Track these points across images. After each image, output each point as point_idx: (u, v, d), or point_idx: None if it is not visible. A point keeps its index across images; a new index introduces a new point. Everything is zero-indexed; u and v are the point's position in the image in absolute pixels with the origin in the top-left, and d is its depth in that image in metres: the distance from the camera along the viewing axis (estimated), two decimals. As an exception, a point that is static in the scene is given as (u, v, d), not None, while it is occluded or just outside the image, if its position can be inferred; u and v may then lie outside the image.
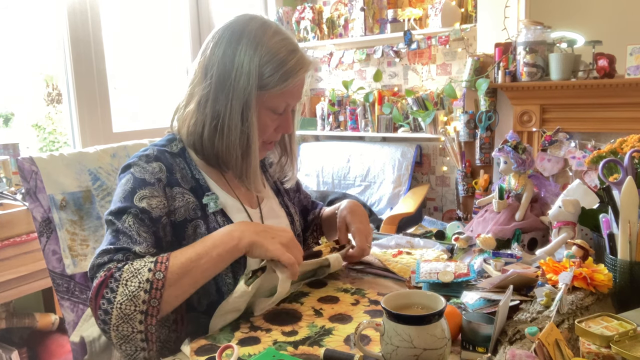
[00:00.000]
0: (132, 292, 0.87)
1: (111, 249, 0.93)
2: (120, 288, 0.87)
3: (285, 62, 1.06)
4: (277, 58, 1.06)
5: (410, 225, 1.71)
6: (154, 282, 0.88)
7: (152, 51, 3.14)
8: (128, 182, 1.03)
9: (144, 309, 0.87)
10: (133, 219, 0.98)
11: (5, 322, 2.05)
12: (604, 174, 1.02)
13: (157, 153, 1.09)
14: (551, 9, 3.50)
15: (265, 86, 1.06)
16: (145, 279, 0.88)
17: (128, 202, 0.99)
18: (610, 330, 0.77)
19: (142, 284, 0.88)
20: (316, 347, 0.88)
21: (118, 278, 0.88)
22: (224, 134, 1.06)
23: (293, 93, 1.11)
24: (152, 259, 0.92)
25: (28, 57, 2.68)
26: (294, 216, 1.28)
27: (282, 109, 1.12)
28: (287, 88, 1.08)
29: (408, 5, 3.50)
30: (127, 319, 0.87)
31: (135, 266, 0.90)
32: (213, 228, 1.06)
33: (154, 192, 1.02)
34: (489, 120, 3.08)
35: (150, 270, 0.89)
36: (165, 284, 0.89)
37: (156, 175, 1.05)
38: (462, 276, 1.06)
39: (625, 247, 0.94)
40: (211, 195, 1.09)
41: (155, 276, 0.89)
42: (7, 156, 2.26)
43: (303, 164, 3.87)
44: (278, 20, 3.80)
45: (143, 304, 0.87)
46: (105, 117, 2.80)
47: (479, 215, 1.43)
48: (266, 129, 1.11)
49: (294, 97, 1.12)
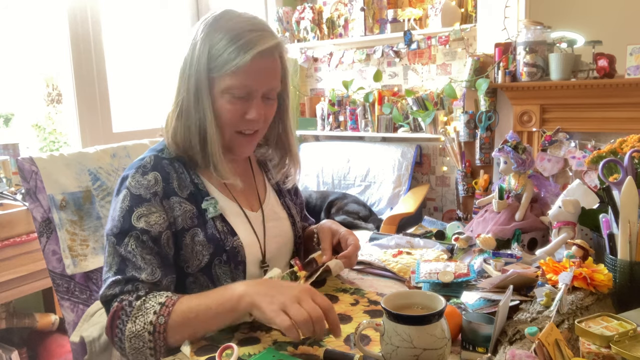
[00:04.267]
0: (137, 331, 0.93)
1: (120, 280, 0.98)
2: (128, 324, 0.93)
3: (238, 38, 1.01)
4: (230, 34, 1.02)
5: (410, 225, 1.71)
6: (156, 326, 0.92)
7: (152, 51, 3.14)
8: (125, 200, 1.03)
9: (152, 346, 0.92)
10: (135, 242, 1.00)
11: (5, 322, 2.05)
12: (604, 174, 1.02)
13: (154, 162, 1.08)
14: (551, 9, 3.50)
15: (217, 67, 1.02)
16: (149, 321, 0.92)
17: (127, 223, 1.01)
18: (610, 330, 0.77)
19: (147, 326, 0.92)
20: (316, 347, 0.88)
21: (128, 314, 0.94)
22: (182, 121, 1.06)
23: (251, 74, 1.02)
24: (161, 300, 0.94)
25: (28, 57, 2.68)
26: (295, 217, 1.27)
27: (244, 93, 1.04)
28: (239, 66, 1.00)
29: (408, 5, 3.50)
30: (139, 352, 0.93)
31: (146, 305, 0.94)
32: (212, 234, 1.06)
33: (151, 208, 1.03)
34: (489, 120, 3.08)
35: (155, 313, 0.93)
36: (166, 329, 0.92)
37: (151, 189, 1.04)
38: (462, 276, 1.06)
39: (625, 247, 0.94)
40: (210, 199, 1.08)
41: (158, 320, 0.92)
42: (7, 156, 2.26)
43: (303, 164, 3.85)
44: (278, 20, 3.80)
45: (150, 342, 0.92)
46: (105, 117, 2.80)
47: (479, 215, 1.43)
48: (227, 114, 1.05)
49: (254, 79, 1.03)
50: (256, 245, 1.13)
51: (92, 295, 1.24)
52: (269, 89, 1.08)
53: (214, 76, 1.03)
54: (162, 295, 0.96)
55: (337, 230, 1.23)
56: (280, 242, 1.20)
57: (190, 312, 0.92)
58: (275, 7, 3.81)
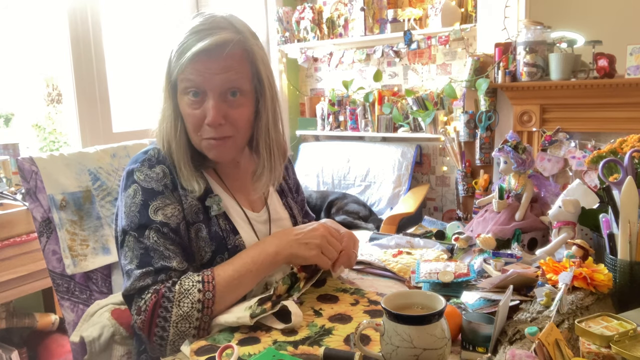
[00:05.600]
0: (186, 312, 0.95)
1: (151, 271, 0.98)
2: (174, 309, 0.95)
3: (187, 40, 1.00)
4: (183, 37, 1.01)
5: (410, 225, 1.70)
6: (204, 302, 0.96)
7: (152, 51, 3.14)
8: (137, 194, 1.03)
9: (197, 325, 0.96)
10: (156, 235, 1.00)
11: (5, 322, 2.05)
12: (604, 174, 1.02)
13: (159, 155, 1.09)
14: (551, 9, 3.50)
15: (175, 68, 1.02)
16: (196, 300, 0.96)
17: (144, 217, 1.01)
18: (610, 330, 0.77)
19: (195, 304, 0.95)
20: (316, 347, 0.88)
21: (171, 299, 0.95)
22: (158, 126, 1.08)
23: (194, 72, 1.00)
24: (197, 278, 0.98)
25: (28, 58, 2.68)
26: (297, 217, 1.28)
27: (199, 95, 1.01)
28: (185, 67, 0.99)
29: (408, 5, 3.50)
30: (183, 335, 0.95)
31: (185, 286, 0.97)
32: (215, 232, 1.07)
33: (166, 201, 1.03)
34: (489, 120, 3.08)
35: (200, 290, 0.96)
36: (214, 301, 0.97)
37: (162, 181, 1.05)
38: (462, 276, 1.06)
39: (625, 247, 0.94)
40: (214, 197, 1.09)
41: (205, 296, 0.96)
42: (7, 156, 2.26)
43: (303, 164, 3.86)
44: (278, 20, 3.80)
45: (196, 320, 0.96)
46: (105, 117, 2.80)
47: (479, 215, 1.43)
48: (189, 117, 1.03)
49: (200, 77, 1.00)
50: None
51: (92, 295, 1.24)
52: (225, 88, 1.01)
53: (172, 80, 1.04)
54: (194, 275, 0.99)
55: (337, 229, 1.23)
56: None
57: (233, 280, 0.99)
58: (275, 7, 3.81)
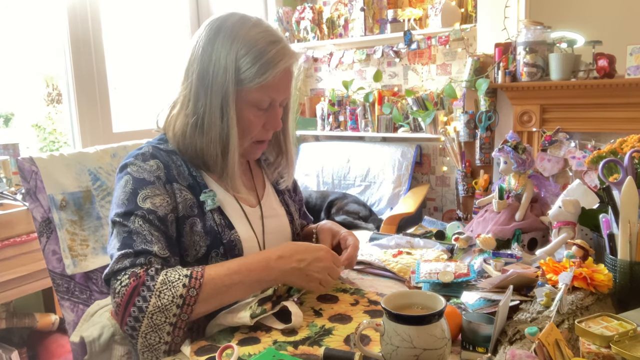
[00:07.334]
0: (164, 305, 0.90)
1: (130, 253, 0.94)
2: (152, 299, 0.90)
3: (264, 54, 1.03)
4: (254, 50, 1.02)
5: (410, 225, 1.71)
6: (187, 299, 0.91)
7: (152, 51, 3.14)
8: (128, 184, 1.02)
9: (174, 322, 0.91)
10: (142, 220, 0.98)
11: (5, 322, 2.05)
12: (604, 174, 1.02)
13: (153, 151, 1.08)
14: (551, 9, 3.50)
15: (244, 80, 1.03)
16: (179, 294, 0.91)
17: (132, 204, 0.99)
18: (610, 330, 0.77)
19: (176, 299, 0.90)
20: (316, 347, 0.88)
21: (151, 288, 0.90)
22: (204, 131, 1.05)
23: (276, 87, 1.06)
24: (186, 272, 0.94)
25: (28, 57, 2.68)
26: (294, 215, 1.28)
27: (267, 104, 1.08)
28: (267, 81, 1.03)
29: (408, 5, 3.50)
30: (156, 329, 0.90)
31: (170, 278, 0.92)
32: (210, 226, 1.06)
33: (156, 191, 1.02)
34: (489, 120, 3.08)
35: (185, 286, 0.92)
36: (197, 300, 0.92)
37: (154, 173, 1.04)
38: (462, 276, 1.06)
39: (625, 247, 0.94)
40: (209, 192, 1.08)
41: (188, 293, 0.91)
42: (7, 156, 2.26)
43: (303, 164, 3.86)
44: (278, 20, 3.80)
45: (173, 316, 0.90)
46: (105, 117, 2.80)
47: (479, 215, 1.43)
48: (251, 125, 1.08)
49: (278, 91, 1.07)
50: (254, 240, 1.13)
51: (92, 295, 1.24)
52: (286, 98, 1.12)
53: (239, 89, 1.04)
54: (183, 269, 0.95)
55: (337, 232, 1.23)
56: (279, 238, 1.20)
57: (222, 284, 0.95)
58: (275, 7, 3.81)
